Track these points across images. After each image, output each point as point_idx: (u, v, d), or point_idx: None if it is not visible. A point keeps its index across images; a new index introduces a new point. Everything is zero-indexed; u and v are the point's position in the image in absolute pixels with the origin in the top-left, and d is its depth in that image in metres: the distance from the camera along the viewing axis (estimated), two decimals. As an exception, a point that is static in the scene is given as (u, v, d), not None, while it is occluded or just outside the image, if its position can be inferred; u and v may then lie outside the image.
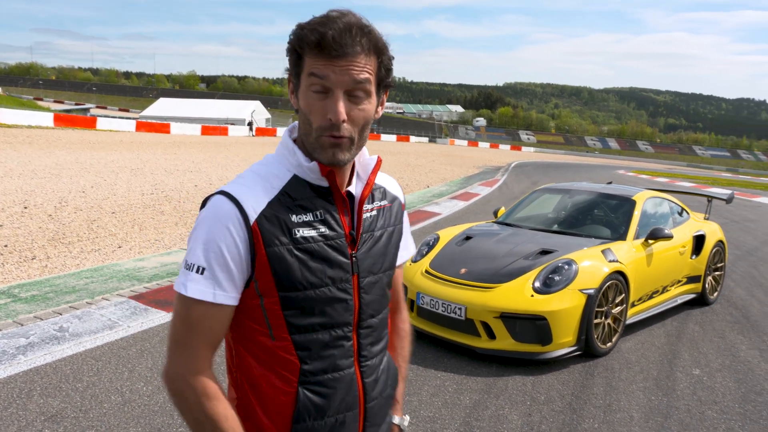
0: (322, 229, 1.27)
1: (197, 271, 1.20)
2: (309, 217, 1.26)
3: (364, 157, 1.37)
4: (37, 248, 7.25)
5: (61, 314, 4.90)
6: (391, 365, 1.49)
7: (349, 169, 1.32)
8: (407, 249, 1.55)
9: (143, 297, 5.47)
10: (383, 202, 1.42)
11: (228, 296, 1.22)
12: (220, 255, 1.19)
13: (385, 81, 1.28)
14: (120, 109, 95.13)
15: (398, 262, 1.50)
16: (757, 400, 4.12)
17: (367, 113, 1.24)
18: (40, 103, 72.84)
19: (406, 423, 1.57)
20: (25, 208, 9.76)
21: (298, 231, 1.24)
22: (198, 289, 1.20)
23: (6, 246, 7.22)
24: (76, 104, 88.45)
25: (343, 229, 1.29)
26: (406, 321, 1.64)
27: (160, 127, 42.85)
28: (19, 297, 5.32)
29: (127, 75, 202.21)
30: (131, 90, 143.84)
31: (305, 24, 1.19)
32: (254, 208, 1.21)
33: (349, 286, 1.29)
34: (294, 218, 1.24)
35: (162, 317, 4.99)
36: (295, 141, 1.31)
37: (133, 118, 47.50)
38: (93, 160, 18.36)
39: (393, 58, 1.28)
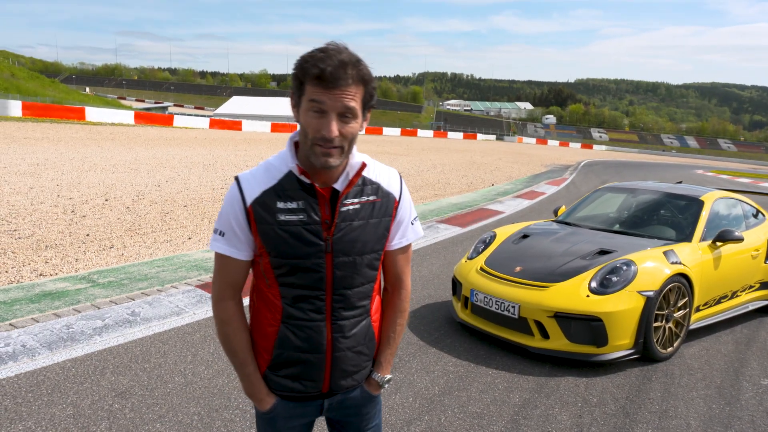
0: (302, 216, 1.61)
1: (220, 234, 1.66)
2: (293, 205, 1.61)
3: (353, 161, 1.66)
4: (116, 238, 7.74)
5: (133, 300, 5.23)
6: (369, 330, 1.79)
7: (337, 169, 1.63)
8: (406, 237, 1.81)
9: (209, 286, 5.74)
10: (372, 197, 1.70)
11: (240, 253, 1.67)
12: (230, 224, 1.64)
13: (368, 104, 1.59)
14: (196, 107, 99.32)
15: (393, 248, 1.80)
16: (830, 414, 3.88)
17: (354, 130, 1.56)
18: (123, 102, 77.14)
19: (386, 380, 1.86)
20: (106, 200, 10.42)
21: (281, 215, 1.60)
22: (220, 246, 1.67)
23: (88, 235, 7.75)
24: (156, 103, 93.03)
25: (320, 217, 1.62)
26: (404, 300, 1.89)
27: (232, 124, 44.45)
28: (97, 282, 5.71)
29: (203, 74, 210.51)
30: (206, 89, 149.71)
31: (308, 58, 1.49)
32: (251, 194, 1.62)
33: (322, 261, 1.63)
34: (280, 205, 1.61)
35: (225, 306, 5.23)
36: (296, 144, 1.64)
37: (207, 116, 49.45)
38: (169, 156, 19.30)
39: (376, 87, 1.60)
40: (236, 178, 1.65)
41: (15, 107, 32.61)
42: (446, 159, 29.83)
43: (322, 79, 1.47)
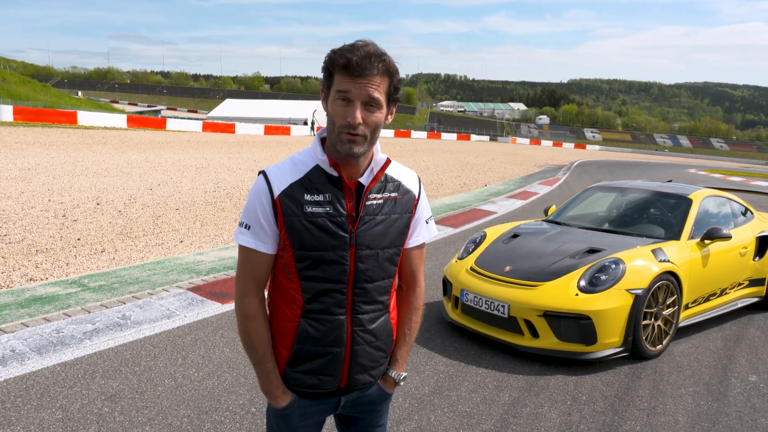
0: (328, 208, 1.65)
1: (245, 227, 1.69)
2: (320, 198, 1.65)
3: (378, 156, 1.73)
4: (107, 242, 7.72)
5: (124, 303, 5.22)
6: (388, 325, 1.83)
7: (363, 163, 1.69)
8: (422, 235, 1.87)
9: (200, 289, 5.74)
10: (394, 194, 1.75)
11: (265, 246, 1.69)
12: (256, 217, 1.67)
13: (393, 96, 1.65)
14: (189, 110, 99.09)
15: (409, 246, 1.84)
16: (817, 409, 3.91)
17: (378, 119, 1.62)
18: (115, 105, 76.85)
19: (402, 377, 1.91)
20: (98, 204, 10.39)
21: (308, 207, 1.64)
22: (245, 239, 1.69)
23: (79, 239, 7.73)
24: (149, 106, 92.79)
25: (345, 210, 1.66)
26: (419, 298, 1.94)
27: (226, 127, 44.36)
28: (88, 286, 5.69)
29: (196, 77, 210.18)
30: (199, 92, 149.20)
31: (337, 50, 1.58)
32: (279, 186, 1.65)
33: (346, 254, 1.67)
34: (307, 197, 1.65)
35: (217, 308, 5.23)
36: (323, 141, 1.71)
37: (200, 119, 49.41)
38: (161, 159, 19.26)
39: (401, 80, 1.67)
40: (263, 172, 1.69)
41: (6, 112, 32.44)
42: (439, 160, 29.89)
43: (349, 69, 1.55)
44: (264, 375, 1.76)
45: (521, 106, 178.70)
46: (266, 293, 1.81)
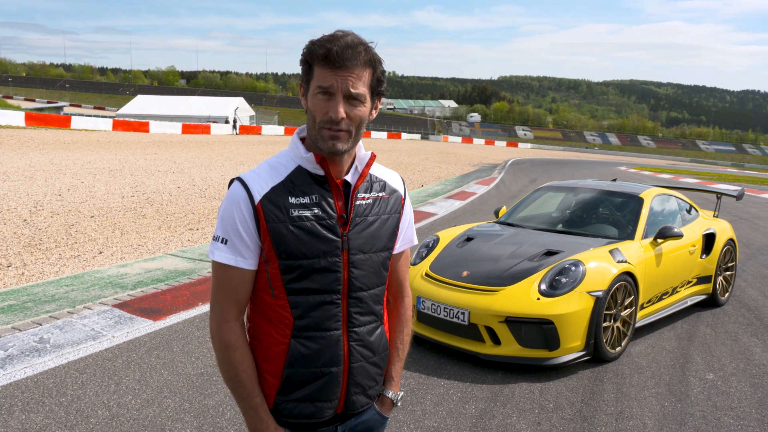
0: (316, 210, 1.52)
1: (221, 242, 1.52)
2: (306, 200, 1.52)
3: (361, 153, 1.61)
4: (13, 255, 6.92)
5: (41, 324, 4.64)
6: (383, 339, 1.70)
7: (347, 161, 1.58)
8: (408, 240, 1.77)
9: (127, 305, 5.21)
10: (381, 194, 1.65)
11: (246, 261, 1.53)
12: (235, 228, 1.51)
13: (377, 89, 1.55)
14: (95, 107, 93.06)
15: (397, 251, 1.73)
16: (771, 404, 4.01)
17: (362, 113, 1.51)
18: (9, 101, 70.83)
19: (399, 397, 1.78)
20: None
21: (294, 211, 1.50)
22: (222, 255, 1.52)
23: (-20, 251, 6.88)
24: (49, 102, 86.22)
25: (335, 212, 1.54)
26: (408, 308, 1.83)
27: (139, 125, 42.04)
28: (-6, 306, 5.03)
29: (103, 71, 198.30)
30: (107, 87, 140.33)
31: (316, 41, 1.47)
32: (259, 191, 1.51)
33: (338, 260, 1.54)
34: (292, 200, 1.51)
35: (149, 326, 4.75)
36: (303, 140, 1.59)
37: (110, 117, 46.44)
38: (69, 161, 17.86)
39: (385, 72, 1.56)
40: (238, 179, 1.55)
41: None
42: (369, 160, 29.51)
43: (329, 60, 1.44)
44: (252, 412, 1.58)
45: (452, 104, 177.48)
46: (247, 314, 1.65)
